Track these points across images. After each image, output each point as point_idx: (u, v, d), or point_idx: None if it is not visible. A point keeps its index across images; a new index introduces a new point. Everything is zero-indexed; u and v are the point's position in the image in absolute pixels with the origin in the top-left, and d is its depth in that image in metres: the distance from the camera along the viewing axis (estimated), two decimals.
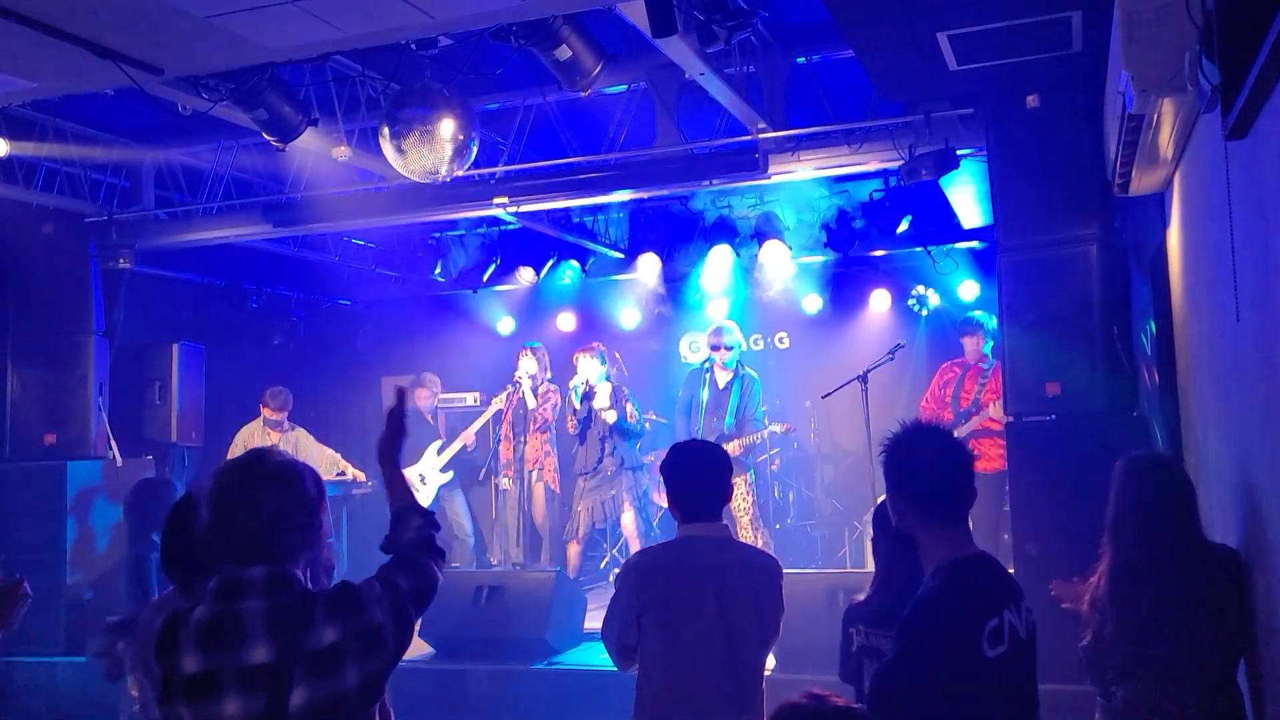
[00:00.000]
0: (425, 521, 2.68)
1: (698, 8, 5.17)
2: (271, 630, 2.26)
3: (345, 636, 2.30)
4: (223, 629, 2.28)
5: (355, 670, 2.30)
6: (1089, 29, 4.97)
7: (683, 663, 3.44)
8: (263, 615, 2.28)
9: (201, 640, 2.29)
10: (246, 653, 2.25)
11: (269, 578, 2.33)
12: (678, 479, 3.60)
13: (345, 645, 2.29)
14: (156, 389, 9.00)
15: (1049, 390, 5.79)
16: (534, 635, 6.45)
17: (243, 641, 2.26)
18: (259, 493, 2.36)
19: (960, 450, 2.64)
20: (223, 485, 2.40)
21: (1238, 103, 2.18)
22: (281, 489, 2.38)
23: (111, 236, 8.34)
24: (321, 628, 2.28)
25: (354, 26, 5.13)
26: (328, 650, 2.27)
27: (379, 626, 2.36)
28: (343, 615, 2.32)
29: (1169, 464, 3.68)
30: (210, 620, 2.30)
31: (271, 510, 2.35)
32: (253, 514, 2.35)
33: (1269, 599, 3.04)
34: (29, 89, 5.91)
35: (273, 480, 2.39)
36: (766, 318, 10.15)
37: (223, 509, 2.37)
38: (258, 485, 2.37)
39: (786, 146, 6.89)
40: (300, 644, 2.26)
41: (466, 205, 7.79)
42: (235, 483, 2.39)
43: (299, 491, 2.40)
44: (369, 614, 2.36)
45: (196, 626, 2.30)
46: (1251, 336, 3.04)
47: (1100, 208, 5.85)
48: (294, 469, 2.44)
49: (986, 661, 2.42)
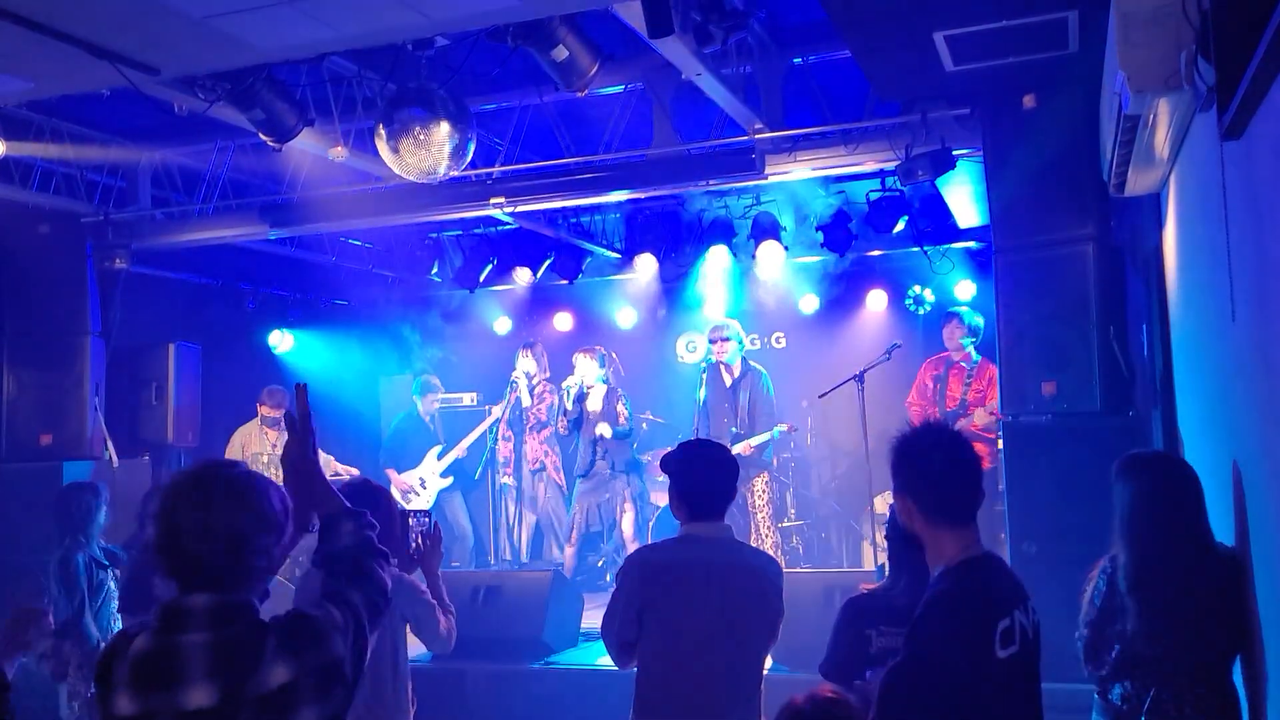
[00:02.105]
0: (359, 523, 2.35)
1: (694, 8, 5.17)
2: (214, 669, 1.99)
3: (300, 675, 2.02)
4: (160, 666, 2.01)
5: (312, 713, 2.03)
6: (1085, 29, 4.98)
7: (682, 662, 3.44)
8: (204, 651, 2.00)
9: (136, 677, 2.02)
10: (184, 694, 1.98)
11: (215, 607, 2.05)
12: (684, 478, 3.59)
13: (300, 685, 2.01)
14: (153, 389, 8.99)
15: (1045, 390, 5.80)
16: (531, 635, 6.45)
17: (181, 681, 1.98)
18: (213, 511, 2.08)
19: (969, 451, 2.64)
20: (172, 499, 2.11)
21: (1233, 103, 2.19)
22: (239, 507, 2.10)
23: (108, 237, 8.32)
24: (271, 666, 2.00)
25: (350, 27, 5.12)
26: (277, 691, 1.99)
27: (339, 661, 2.08)
28: (297, 651, 2.04)
29: (1181, 463, 3.68)
30: (147, 655, 2.03)
31: (227, 532, 2.07)
32: (203, 535, 2.06)
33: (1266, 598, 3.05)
34: (25, 89, 5.90)
35: (229, 496, 2.10)
36: (763, 318, 10.16)
37: (169, 527, 2.09)
38: (212, 502, 2.08)
39: (783, 147, 6.89)
40: (246, 686, 1.98)
41: (463, 206, 7.78)
42: (186, 497, 2.10)
43: (261, 510, 2.12)
44: (327, 647, 2.08)
45: (132, 661, 2.03)
46: (1247, 336, 3.05)
47: (1096, 208, 5.86)
48: (255, 483, 2.15)
49: (999, 662, 2.42)
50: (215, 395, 9.51)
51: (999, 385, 6.11)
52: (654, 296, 10.42)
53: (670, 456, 3.66)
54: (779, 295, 9.87)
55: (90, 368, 8.20)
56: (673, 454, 3.66)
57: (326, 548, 2.32)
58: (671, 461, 3.63)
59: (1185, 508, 3.33)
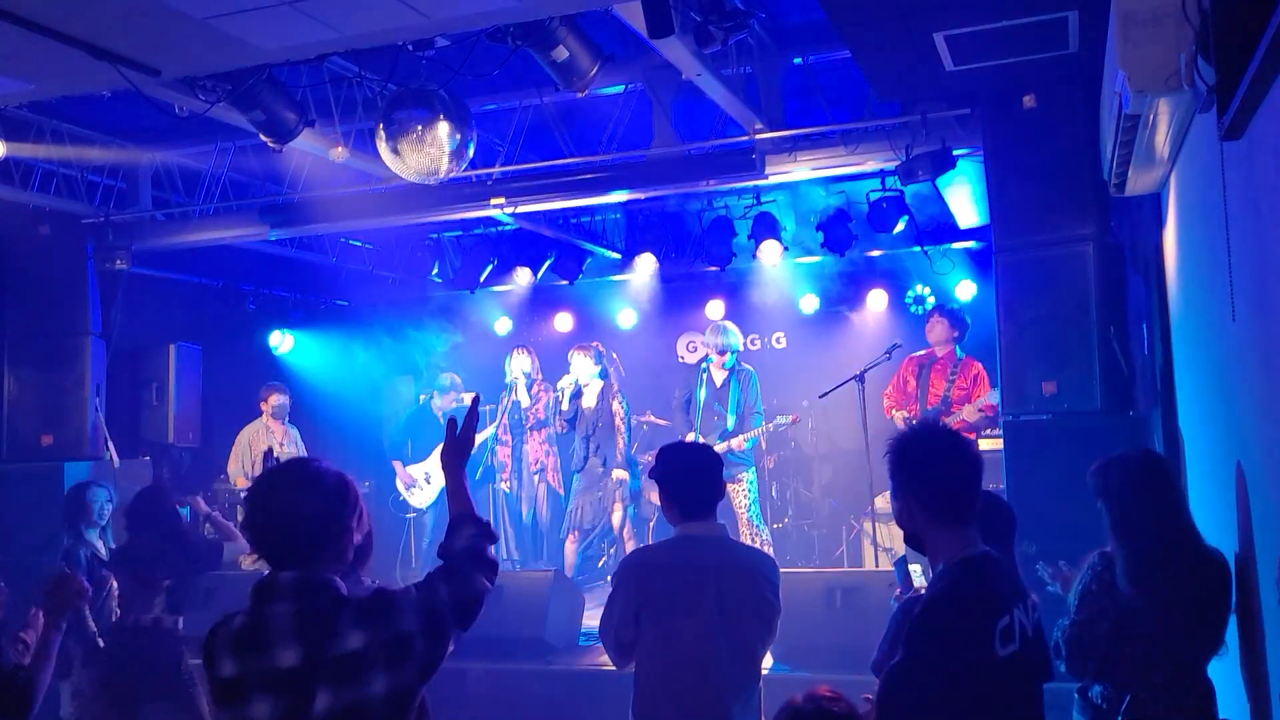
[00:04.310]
0: (479, 531, 2.63)
1: (695, 9, 5.17)
2: (298, 634, 2.28)
3: (371, 643, 2.27)
4: (254, 633, 2.32)
5: (383, 679, 2.27)
6: (1085, 29, 4.99)
7: (680, 661, 3.45)
8: (290, 619, 2.30)
9: (235, 645, 2.33)
10: (275, 656, 2.27)
11: (299, 582, 2.35)
12: (670, 480, 3.62)
13: (371, 652, 2.27)
14: (153, 390, 9.01)
15: (1046, 389, 5.81)
16: (532, 634, 6.45)
17: (271, 645, 2.28)
18: (288, 496, 2.42)
19: (969, 450, 2.65)
20: (258, 489, 2.47)
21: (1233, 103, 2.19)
22: (319, 496, 2.43)
23: (108, 238, 8.32)
24: (347, 633, 2.27)
25: (351, 27, 5.13)
26: (351, 656, 2.26)
27: (409, 636, 2.32)
28: (371, 622, 2.30)
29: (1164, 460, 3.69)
30: (244, 625, 2.34)
31: (300, 514, 2.39)
32: (281, 518, 2.40)
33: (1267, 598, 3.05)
34: (26, 90, 5.90)
35: (302, 485, 2.43)
36: (763, 318, 10.17)
37: (262, 513, 2.43)
38: (290, 490, 2.43)
39: (783, 147, 6.89)
40: (325, 648, 2.26)
41: (463, 206, 7.78)
42: (268, 486, 2.47)
43: (338, 498, 2.44)
44: (399, 622, 2.33)
45: (233, 632, 2.35)
46: (1248, 336, 3.05)
47: (1097, 208, 5.86)
48: (327, 475, 2.47)
49: (999, 660, 2.43)
50: (216, 395, 9.51)
51: (1000, 385, 6.11)
52: (654, 297, 10.42)
53: (654, 463, 3.70)
54: (779, 295, 9.88)
55: (91, 368, 8.20)
56: (656, 460, 3.70)
57: (447, 543, 2.62)
58: (656, 467, 3.67)
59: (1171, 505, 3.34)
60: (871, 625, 3.70)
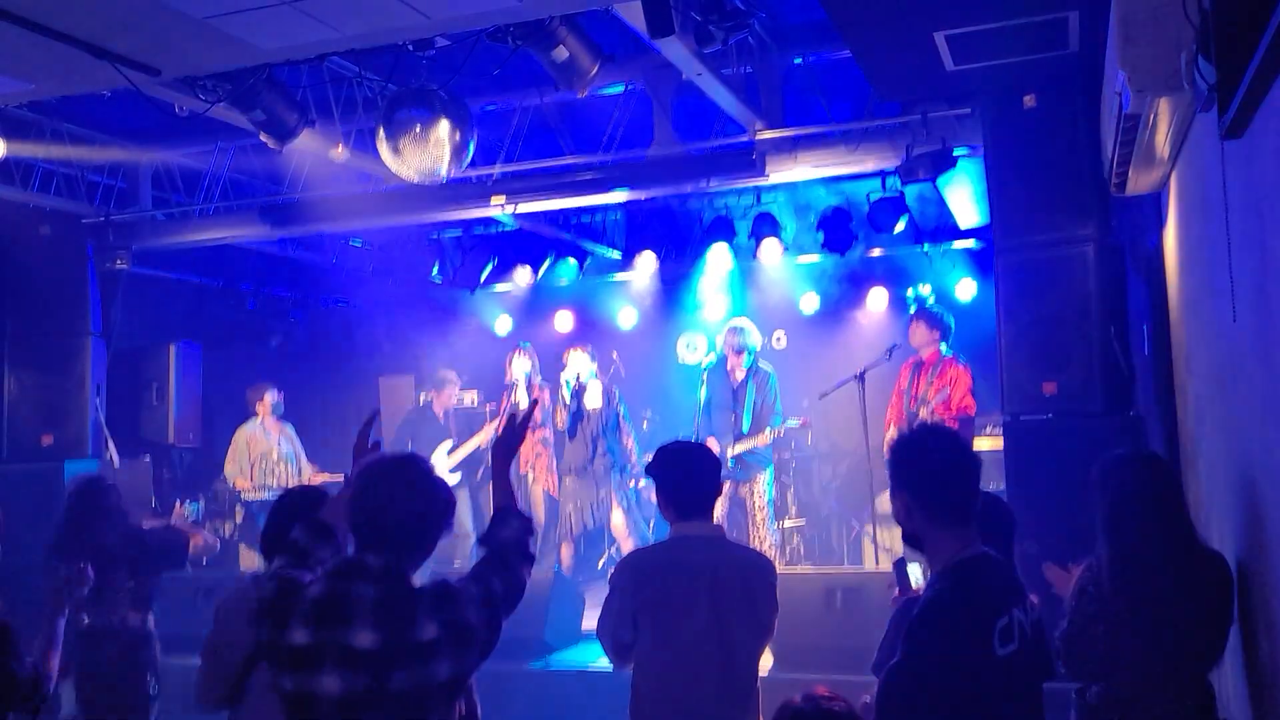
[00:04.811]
0: (522, 524, 2.77)
1: (695, 8, 5.17)
2: (378, 617, 2.40)
3: (443, 632, 2.42)
4: (334, 607, 2.42)
5: (447, 665, 2.43)
6: (1086, 29, 4.98)
7: (678, 662, 3.44)
8: (371, 601, 2.41)
9: (312, 615, 2.42)
10: (351, 635, 2.38)
11: (385, 568, 2.47)
12: (667, 479, 3.62)
13: (442, 640, 2.42)
14: (154, 390, 9.01)
15: (1046, 389, 5.80)
16: (532, 634, 6.45)
17: (349, 622, 2.39)
18: (405, 490, 2.53)
19: (968, 451, 2.65)
20: (372, 475, 2.57)
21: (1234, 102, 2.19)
22: (424, 493, 2.56)
23: (109, 237, 8.33)
24: (424, 623, 2.41)
25: (351, 27, 5.13)
26: (427, 644, 2.40)
27: (473, 627, 2.49)
28: (443, 612, 2.45)
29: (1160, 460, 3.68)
30: (323, 598, 2.44)
31: (411, 510, 2.53)
32: (393, 508, 2.51)
33: (1267, 598, 3.05)
34: (26, 90, 5.90)
35: (420, 485, 2.57)
36: (764, 317, 10.10)
37: (370, 497, 2.53)
38: (407, 486, 2.54)
39: (784, 147, 6.88)
40: (403, 635, 2.39)
41: (464, 206, 7.78)
42: (384, 475, 2.57)
43: (438, 499, 2.59)
44: (464, 613, 2.48)
45: (310, 602, 2.44)
46: (1249, 336, 3.05)
47: (1097, 207, 5.86)
48: (441, 484, 2.62)
49: (998, 660, 2.43)
50: (216, 395, 9.51)
51: (1000, 385, 6.10)
52: (654, 296, 10.42)
53: (651, 462, 3.68)
54: (779, 294, 9.87)
55: (91, 368, 8.21)
56: (653, 460, 3.69)
57: (493, 532, 2.74)
58: (653, 467, 3.66)
59: (1167, 505, 3.31)
60: (871, 626, 3.69)
